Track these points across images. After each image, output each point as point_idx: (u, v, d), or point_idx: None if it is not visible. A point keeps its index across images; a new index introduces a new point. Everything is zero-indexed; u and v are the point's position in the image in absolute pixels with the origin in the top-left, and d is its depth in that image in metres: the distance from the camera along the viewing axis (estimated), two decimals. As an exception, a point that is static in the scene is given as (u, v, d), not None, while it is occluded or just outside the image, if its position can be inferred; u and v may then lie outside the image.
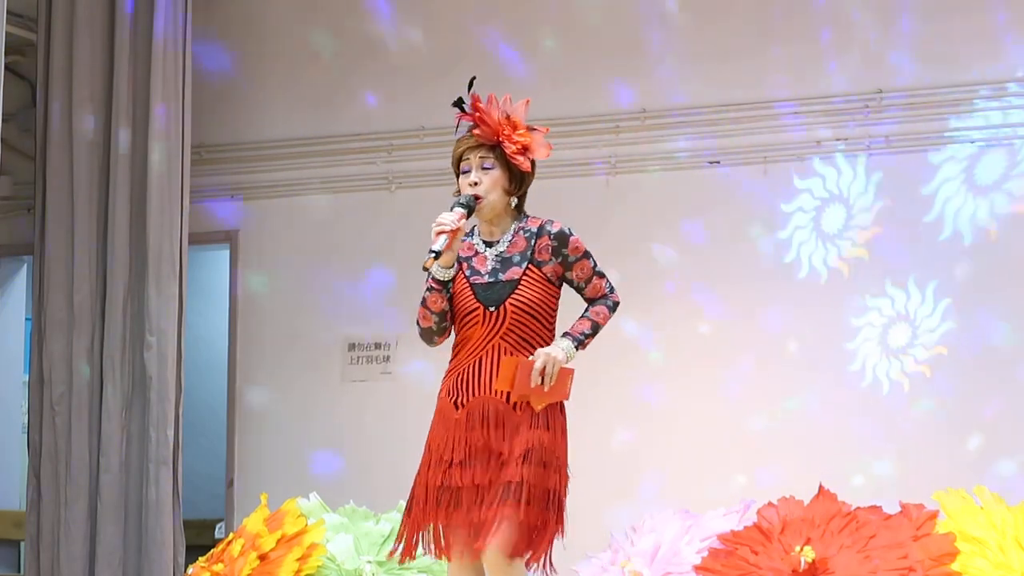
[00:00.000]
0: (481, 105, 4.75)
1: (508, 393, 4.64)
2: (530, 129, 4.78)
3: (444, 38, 8.36)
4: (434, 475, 4.69)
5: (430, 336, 4.82)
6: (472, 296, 4.73)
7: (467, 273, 4.76)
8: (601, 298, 4.82)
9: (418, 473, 4.76)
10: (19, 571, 8.96)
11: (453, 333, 4.83)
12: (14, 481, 9.27)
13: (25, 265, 9.18)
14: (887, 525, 6.04)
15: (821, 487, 6.31)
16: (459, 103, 4.78)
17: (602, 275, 4.83)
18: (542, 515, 4.60)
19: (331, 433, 8.34)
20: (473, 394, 4.69)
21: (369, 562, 6.62)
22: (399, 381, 8.27)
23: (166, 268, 8.02)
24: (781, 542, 6.07)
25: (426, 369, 7.96)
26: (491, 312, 4.70)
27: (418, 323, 4.81)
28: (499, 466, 4.62)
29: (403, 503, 6.78)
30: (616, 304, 4.84)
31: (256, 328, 8.57)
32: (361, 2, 8.55)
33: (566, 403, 4.74)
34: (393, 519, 6.81)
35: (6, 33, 7.09)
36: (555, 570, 4.70)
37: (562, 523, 4.68)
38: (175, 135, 8.12)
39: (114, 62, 8.17)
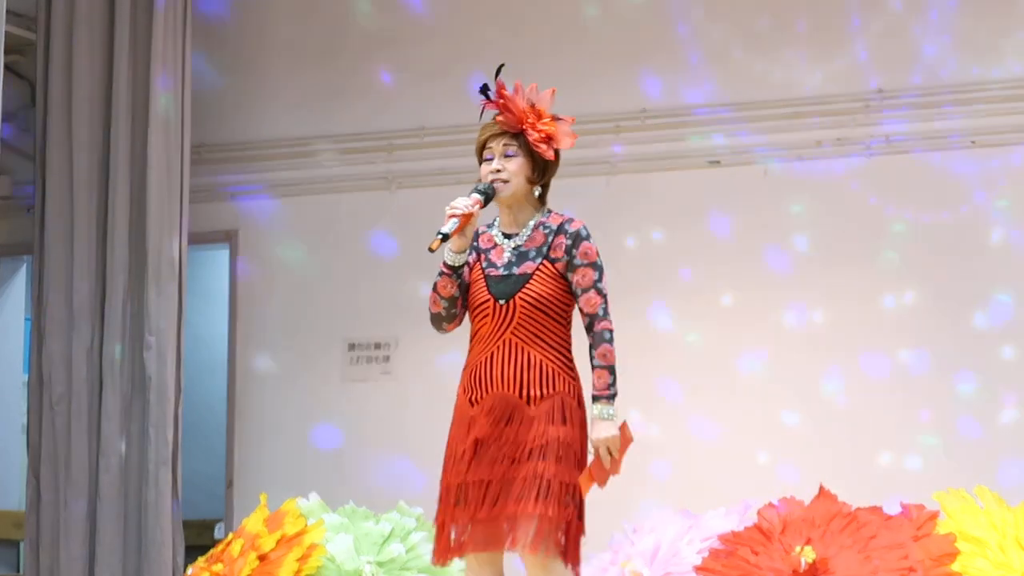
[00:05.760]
0: (506, 92, 4.74)
1: (521, 389, 4.63)
2: (555, 119, 4.77)
3: (444, 38, 8.35)
4: (453, 473, 4.67)
5: (439, 322, 4.81)
6: (485, 289, 4.72)
7: (483, 265, 4.75)
8: (594, 320, 4.68)
9: (441, 473, 4.74)
10: (19, 571, 8.95)
11: (469, 324, 4.80)
12: (14, 481, 9.26)
13: (25, 265, 9.16)
14: (887, 525, 6.04)
15: (821, 487, 6.30)
16: (484, 90, 4.76)
17: (601, 293, 4.69)
18: (562, 511, 4.57)
19: (331, 433, 8.33)
20: (486, 390, 4.67)
21: (369, 562, 6.61)
22: (399, 381, 8.26)
23: (166, 268, 8.02)
24: (781, 542, 6.06)
25: (426, 370, 7.97)
26: (501, 305, 4.68)
27: (429, 308, 4.80)
28: (514, 462, 4.59)
29: (403, 503, 6.87)
30: (612, 333, 4.68)
31: (256, 328, 8.56)
32: (360, 2, 8.55)
33: (584, 395, 4.73)
34: (393, 519, 6.81)
35: (6, 33, 7.10)
36: (578, 567, 4.65)
37: (583, 519, 4.65)
38: (175, 135, 8.12)
39: (113, 62, 8.16)
